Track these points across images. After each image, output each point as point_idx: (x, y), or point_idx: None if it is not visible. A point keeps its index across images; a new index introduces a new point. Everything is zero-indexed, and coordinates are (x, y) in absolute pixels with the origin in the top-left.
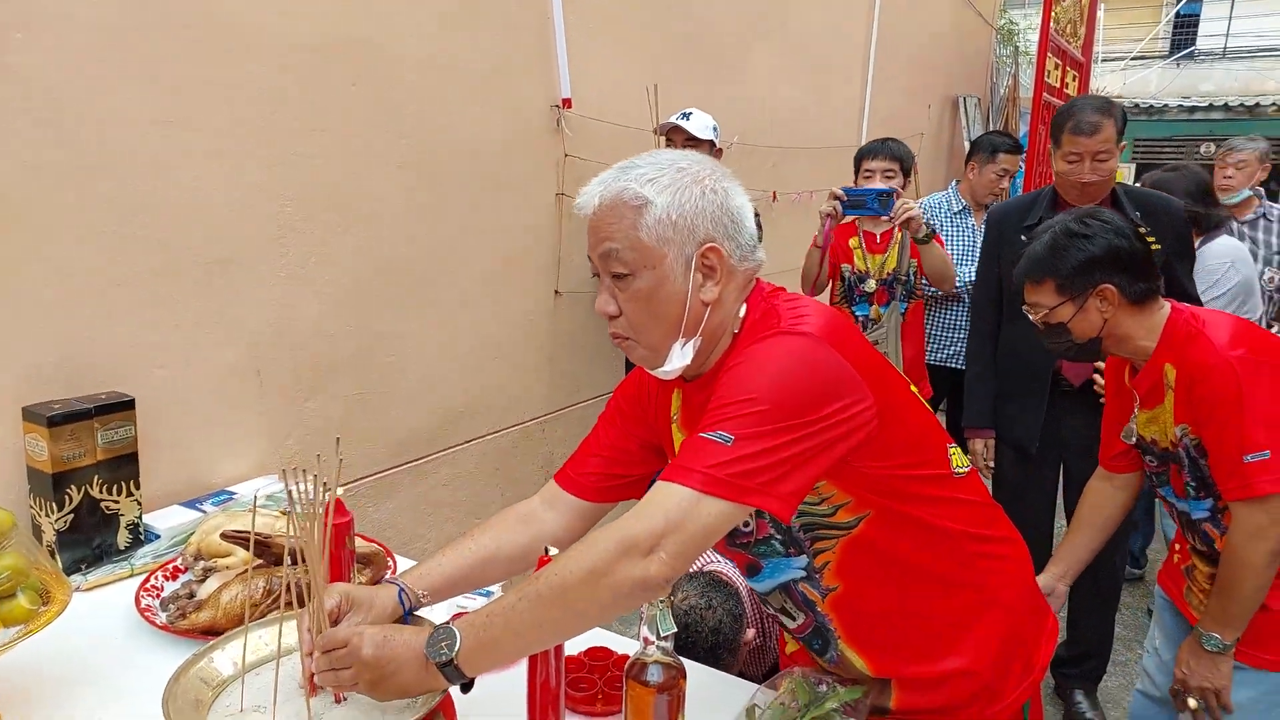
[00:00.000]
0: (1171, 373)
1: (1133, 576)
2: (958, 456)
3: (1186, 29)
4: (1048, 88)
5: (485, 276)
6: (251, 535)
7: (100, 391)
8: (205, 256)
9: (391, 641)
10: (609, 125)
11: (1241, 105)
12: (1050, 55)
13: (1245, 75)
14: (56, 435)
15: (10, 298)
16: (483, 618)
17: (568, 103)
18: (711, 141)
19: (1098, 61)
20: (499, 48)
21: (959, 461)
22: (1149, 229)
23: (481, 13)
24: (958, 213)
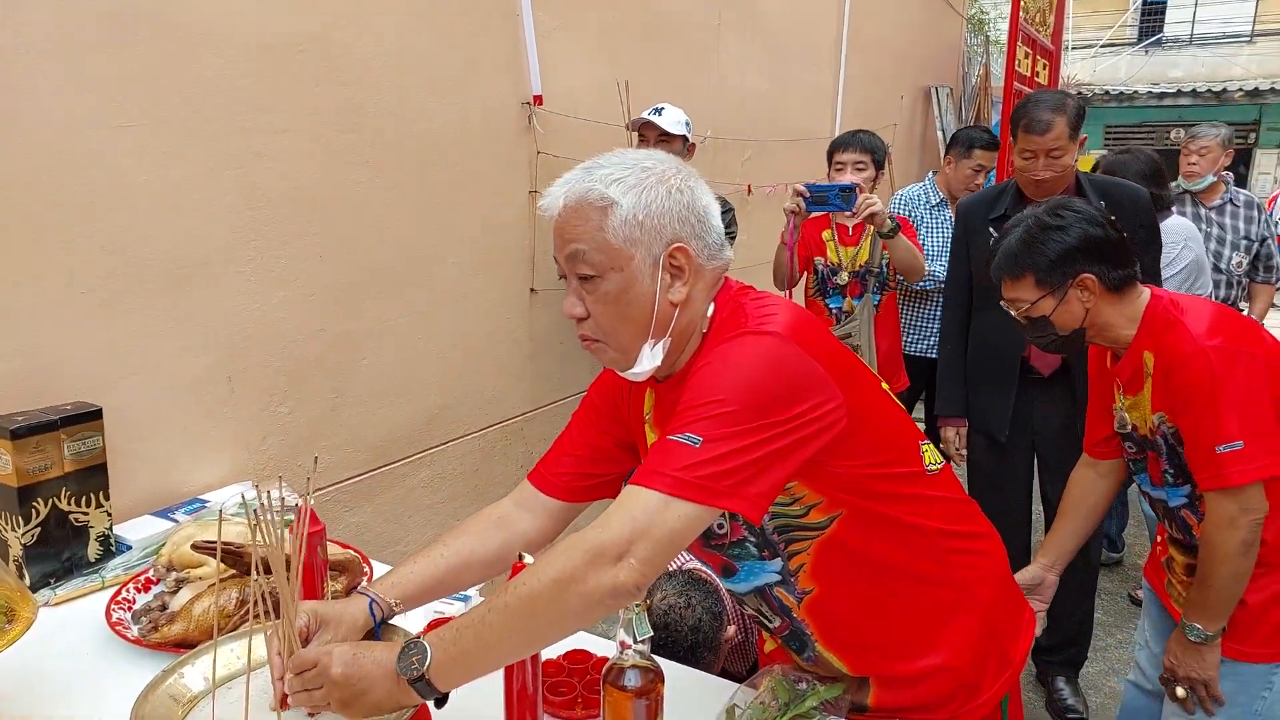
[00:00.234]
0: (1150, 360)
1: (1111, 561)
2: (930, 453)
3: (1154, 16)
4: (1018, 77)
5: (459, 275)
6: (219, 545)
7: (66, 402)
8: (172, 261)
9: (361, 659)
10: (581, 122)
11: (1209, 91)
12: (1020, 44)
13: (1212, 61)
14: (21, 448)
15: None
16: (453, 631)
17: (539, 100)
18: (684, 136)
19: (1068, 50)
20: (467, 45)
21: (931, 459)
22: (1114, 218)
23: (448, 9)
24: (935, 205)
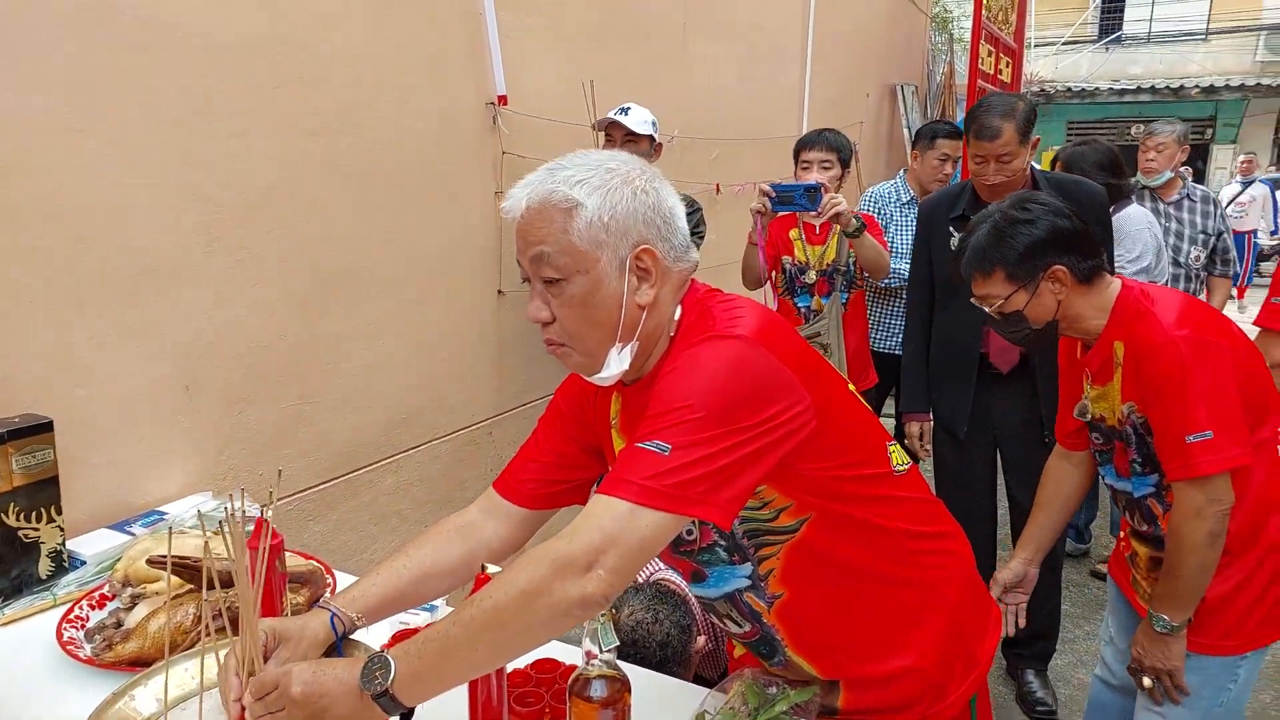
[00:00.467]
0: (1120, 350)
1: (1078, 552)
2: (898, 454)
3: (1114, 14)
4: (982, 74)
5: (425, 278)
6: (169, 559)
7: (14, 414)
8: (126, 267)
9: (321, 677)
10: (546, 122)
11: (1167, 88)
12: (983, 42)
13: (1169, 58)
14: None
15: None
16: (418, 644)
17: (503, 100)
18: (651, 136)
19: (1030, 47)
20: (430, 45)
21: (899, 459)
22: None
23: (410, 10)
24: (906, 203)
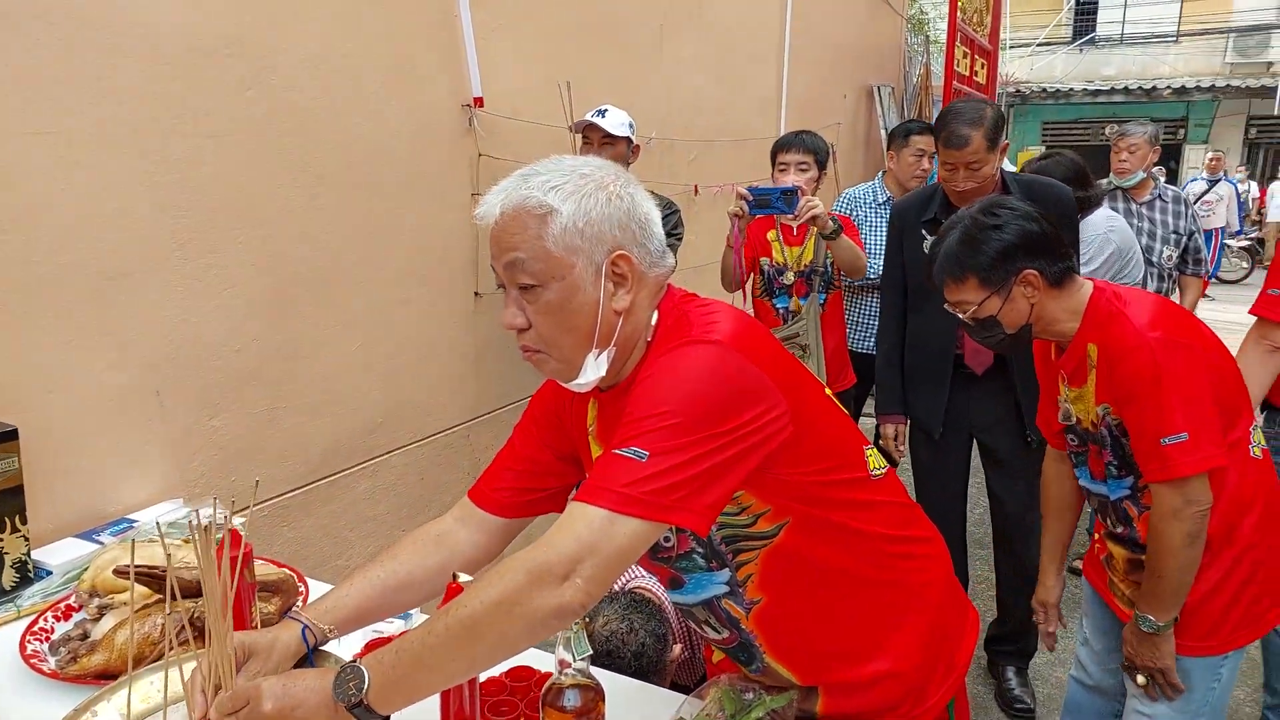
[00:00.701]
0: (1094, 352)
1: None
2: (875, 458)
3: (1087, 15)
4: (958, 76)
5: (400, 281)
6: (132, 569)
7: None
8: (93, 272)
9: (292, 690)
10: (523, 124)
11: (1140, 89)
12: (959, 44)
13: (1142, 60)
14: None
15: None
16: (392, 654)
17: (479, 101)
18: (628, 138)
19: (1005, 48)
20: (404, 46)
21: (876, 463)
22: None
23: (384, 10)
24: (881, 203)
